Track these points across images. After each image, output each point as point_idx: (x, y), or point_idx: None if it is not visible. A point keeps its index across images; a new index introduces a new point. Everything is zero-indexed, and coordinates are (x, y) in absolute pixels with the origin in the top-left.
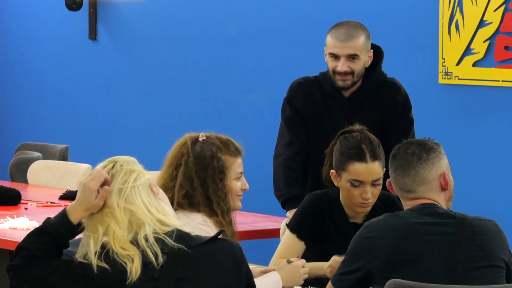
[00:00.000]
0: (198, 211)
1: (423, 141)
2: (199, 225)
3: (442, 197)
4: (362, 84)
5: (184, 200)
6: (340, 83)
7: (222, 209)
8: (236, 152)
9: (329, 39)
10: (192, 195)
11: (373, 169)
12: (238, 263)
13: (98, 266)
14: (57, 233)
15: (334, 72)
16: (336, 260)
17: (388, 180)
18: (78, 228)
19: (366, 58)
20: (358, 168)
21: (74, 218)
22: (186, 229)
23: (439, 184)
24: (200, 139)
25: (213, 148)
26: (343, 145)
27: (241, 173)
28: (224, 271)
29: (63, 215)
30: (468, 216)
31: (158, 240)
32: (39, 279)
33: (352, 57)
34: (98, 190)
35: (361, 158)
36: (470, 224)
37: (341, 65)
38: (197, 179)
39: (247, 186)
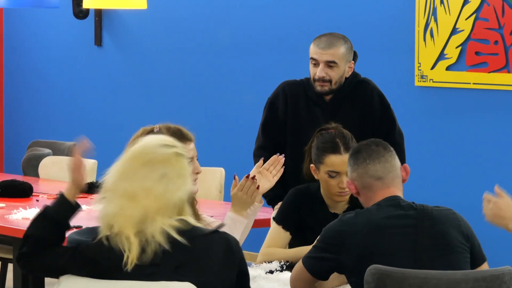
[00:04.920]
0: None
1: (377, 140)
2: None
3: (401, 188)
4: (340, 87)
5: None
6: (318, 88)
7: None
8: (184, 139)
9: (311, 47)
10: None
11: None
12: (232, 254)
13: (103, 251)
14: (56, 213)
15: (314, 78)
16: None
17: (346, 181)
18: (77, 206)
19: (345, 68)
20: (333, 160)
21: (69, 196)
22: (191, 220)
23: (401, 174)
24: (155, 130)
25: None
26: (319, 141)
27: (192, 158)
28: (219, 260)
29: (60, 196)
30: (428, 207)
31: (163, 230)
32: (48, 264)
33: (330, 64)
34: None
35: (335, 150)
36: (430, 215)
37: (319, 71)
38: None
39: (199, 169)
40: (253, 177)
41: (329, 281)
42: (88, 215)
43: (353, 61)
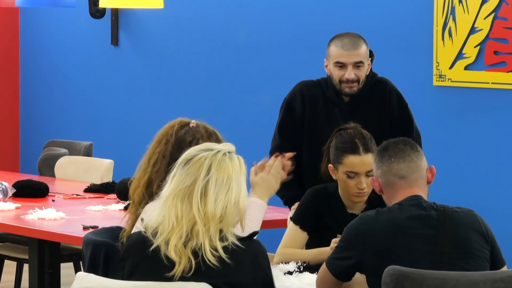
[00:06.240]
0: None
1: (406, 139)
2: None
3: (426, 190)
4: (359, 87)
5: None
6: (347, 90)
7: None
8: (218, 143)
9: (334, 49)
10: (161, 174)
11: (366, 160)
12: (257, 264)
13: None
14: None
15: (341, 81)
16: (335, 241)
17: (371, 177)
18: None
19: (367, 66)
20: (352, 161)
21: None
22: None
23: (426, 175)
24: (191, 125)
25: (197, 135)
26: (338, 141)
27: None
28: (243, 270)
29: None
30: (449, 208)
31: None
32: None
33: (358, 64)
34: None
35: (354, 151)
36: (451, 216)
37: (349, 73)
38: (169, 158)
39: None
40: (281, 155)
41: (356, 285)
42: (104, 215)
43: (370, 58)
